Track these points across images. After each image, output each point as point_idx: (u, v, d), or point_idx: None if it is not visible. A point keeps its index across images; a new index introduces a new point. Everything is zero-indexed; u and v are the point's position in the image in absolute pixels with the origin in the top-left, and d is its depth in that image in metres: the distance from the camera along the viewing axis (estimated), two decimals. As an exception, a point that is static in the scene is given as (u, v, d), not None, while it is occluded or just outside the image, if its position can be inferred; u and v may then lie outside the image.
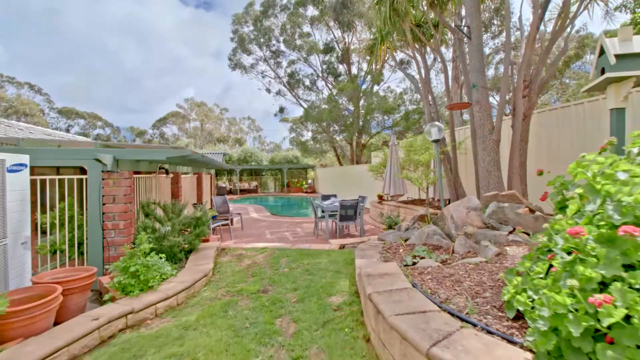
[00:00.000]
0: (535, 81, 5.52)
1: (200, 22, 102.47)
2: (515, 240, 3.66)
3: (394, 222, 5.86)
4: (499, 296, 2.13)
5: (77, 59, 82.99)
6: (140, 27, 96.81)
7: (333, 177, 19.97)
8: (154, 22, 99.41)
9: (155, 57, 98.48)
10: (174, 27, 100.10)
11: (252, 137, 47.00)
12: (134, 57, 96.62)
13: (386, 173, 8.63)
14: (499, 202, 4.37)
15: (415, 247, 4.19)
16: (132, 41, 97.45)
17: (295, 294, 3.50)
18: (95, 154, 3.79)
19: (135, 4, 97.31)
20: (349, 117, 18.32)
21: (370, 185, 13.59)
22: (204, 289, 3.86)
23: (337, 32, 22.08)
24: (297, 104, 24.49)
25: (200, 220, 5.17)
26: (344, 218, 7.30)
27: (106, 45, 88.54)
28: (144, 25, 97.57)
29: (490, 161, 5.15)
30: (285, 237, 7.57)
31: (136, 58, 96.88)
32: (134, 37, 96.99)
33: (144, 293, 3.38)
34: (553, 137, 6.24)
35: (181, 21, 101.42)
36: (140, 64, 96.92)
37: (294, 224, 9.89)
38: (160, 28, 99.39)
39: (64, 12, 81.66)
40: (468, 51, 5.37)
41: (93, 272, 3.42)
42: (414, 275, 2.75)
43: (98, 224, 4.05)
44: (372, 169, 10.72)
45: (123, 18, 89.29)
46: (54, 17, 79.34)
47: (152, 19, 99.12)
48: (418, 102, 18.58)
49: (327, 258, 4.89)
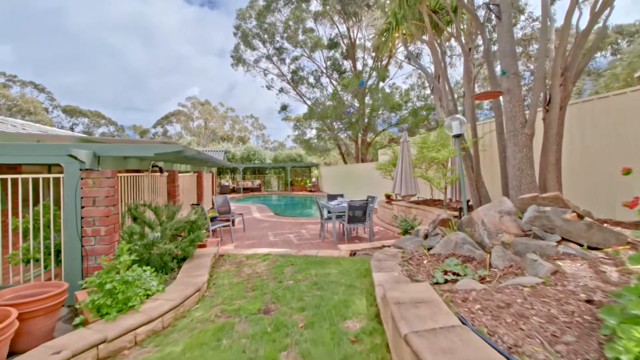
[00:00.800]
0: (571, 68, 4.88)
1: (205, 20, 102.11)
2: (567, 253, 3.05)
3: (410, 226, 5.27)
4: (588, 342, 1.54)
5: (81, 58, 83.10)
6: (145, 26, 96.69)
7: (338, 176, 19.38)
8: (158, 20, 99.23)
9: (159, 56, 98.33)
10: (179, 26, 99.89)
11: (255, 135, 46.54)
12: (139, 56, 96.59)
13: (397, 171, 8.02)
14: (539, 205, 3.76)
15: (441, 256, 3.61)
16: (137, 40, 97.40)
17: (303, 316, 2.93)
18: (69, 150, 3.24)
19: (140, 2, 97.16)
20: (354, 114, 17.69)
21: (377, 184, 12.98)
22: (196, 306, 3.31)
23: (342, 27, 21.44)
24: (301, 101, 23.93)
25: (195, 224, 4.62)
26: (352, 220, 6.73)
27: (111, 44, 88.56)
28: (148, 24, 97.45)
29: (523, 158, 4.52)
30: (290, 240, 7.02)
31: (141, 57, 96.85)
32: (139, 36, 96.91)
33: (122, 314, 2.84)
34: (586, 132, 5.59)
35: (186, 20, 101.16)
36: (145, 63, 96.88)
37: (298, 224, 9.34)
38: (165, 27, 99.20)
39: (69, 12, 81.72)
40: (497, 34, 4.74)
41: (63, 290, 2.89)
42: (456, 302, 2.17)
43: (75, 230, 3.51)
44: (380, 167, 10.12)
45: (127, 17, 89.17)
46: (58, 16, 79.47)
47: (156, 18, 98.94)
48: (426, 98, 17.89)
49: (337, 267, 4.32)
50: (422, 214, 7.44)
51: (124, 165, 4.45)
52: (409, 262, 3.61)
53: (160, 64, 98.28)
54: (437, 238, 4.16)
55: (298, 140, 24.55)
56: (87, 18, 79.35)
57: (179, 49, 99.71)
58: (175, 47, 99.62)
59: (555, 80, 4.63)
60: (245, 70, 24.22)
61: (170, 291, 3.34)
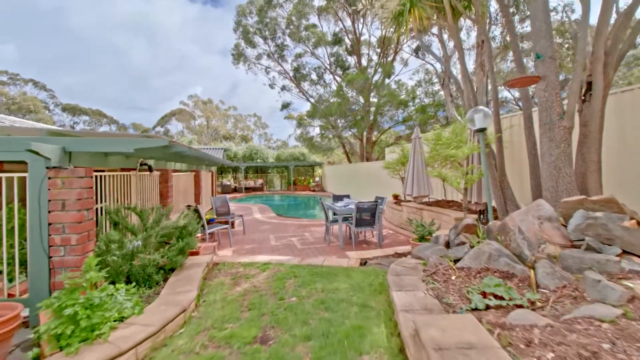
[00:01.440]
0: (612, 52, 4.27)
1: (208, 19, 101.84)
2: (635, 271, 2.46)
3: (428, 232, 4.69)
4: None
5: (85, 58, 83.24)
6: (148, 25, 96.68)
7: (342, 175, 18.79)
8: (161, 19, 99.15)
9: (162, 55, 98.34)
10: (182, 25, 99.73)
11: (258, 134, 46.05)
12: (142, 55, 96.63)
13: (408, 170, 7.44)
14: (587, 209, 3.17)
15: (472, 271, 3.03)
16: (139, 39, 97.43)
17: (309, 348, 2.38)
18: (28, 144, 2.72)
19: (142, 2, 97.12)
20: (359, 112, 17.07)
21: (384, 183, 12.39)
22: (180, 331, 2.77)
23: (347, 21, 20.81)
24: (304, 99, 23.33)
25: (186, 229, 4.09)
26: (360, 223, 6.17)
27: (114, 44, 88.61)
28: (151, 23, 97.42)
29: (560, 155, 3.93)
30: (292, 245, 6.48)
31: (144, 56, 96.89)
32: (142, 35, 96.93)
33: (87, 345, 2.30)
34: (626, 125, 4.96)
35: (189, 18, 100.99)
36: (148, 62, 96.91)
37: (302, 227, 8.80)
38: (168, 26, 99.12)
39: (72, 11, 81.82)
40: (531, 11, 4.14)
41: (15, 314, 2.36)
42: (517, 347, 1.60)
43: (39, 238, 2.98)
44: (388, 166, 9.54)
45: (130, 16, 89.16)
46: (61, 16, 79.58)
47: (159, 17, 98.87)
48: (434, 95, 17.21)
49: (348, 281, 3.76)
50: (436, 217, 6.85)
51: (105, 163, 3.92)
52: (433, 278, 3.04)
53: (164, 63, 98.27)
54: (463, 248, 3.59)
55: (301, 139, 23.98)
56: (90, 18, 79.39)
57: (182, 47, 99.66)
58: (178, 45, 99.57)
59: (597, 65, 4.02)
60: (247, 68, 23.67)
61: (149, 313, 2.80)
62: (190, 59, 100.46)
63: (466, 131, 6.34)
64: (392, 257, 4.76)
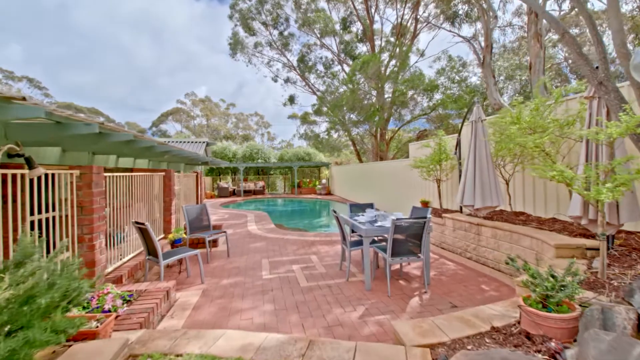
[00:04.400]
0: None
1: (213, 15, 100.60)
2: None
3: (560, 285, 2.33)
4: None
5: (88, 57, 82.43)
6: (153, 23, 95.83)
7: (352, 177, 16.41)
8: (166, 17, 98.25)
9: (168, 55, 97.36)
10: (187, 23, 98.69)
11: (260, 134, 43.89)
12: (147, 55, 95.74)
13: (465, 171, 5.10)
14: None
15: None
16: (144, 38, 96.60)
17: None
18: None
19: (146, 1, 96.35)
20: (373, 104, 14.72)
21: (406, 186, 10.02)
22: None
23: (359, 3, 18.46)
24: (310, 92, 21.06)
25: (51, 289, 1.81)
26: (399, 251, 3.87)
27: (119, 42, 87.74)
28: (156, 21, 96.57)
29: None
30: (293, 280, 4.22)
31: (149, 55, 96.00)
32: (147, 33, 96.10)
33: None
34: None
35: (194, 15, 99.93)
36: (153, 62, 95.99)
37: (307, 244, 6.52)
38: (173, 24, 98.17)
39: (75, 9, 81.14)
40: None
41: None
42: None
43: None
44: (420, 165, 7.14)
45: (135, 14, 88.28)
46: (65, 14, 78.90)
47: (164, 15, 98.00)
48: (461, 82, 14.71)
49: None
50: (509, 239, 4.51)
51: None
52: None
53: (168, 63, 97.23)
54: None
55: (306, 137, 21.67)
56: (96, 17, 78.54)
57: (188, 47, 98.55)
58: (184, 45, 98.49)
59: None
60: (248, 61, 21.41)
61: None
62: (197, 58, 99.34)
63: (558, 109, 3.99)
64: (487, 337, 2.41)
